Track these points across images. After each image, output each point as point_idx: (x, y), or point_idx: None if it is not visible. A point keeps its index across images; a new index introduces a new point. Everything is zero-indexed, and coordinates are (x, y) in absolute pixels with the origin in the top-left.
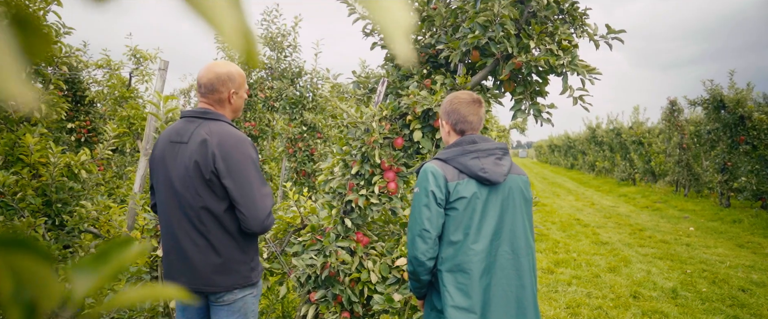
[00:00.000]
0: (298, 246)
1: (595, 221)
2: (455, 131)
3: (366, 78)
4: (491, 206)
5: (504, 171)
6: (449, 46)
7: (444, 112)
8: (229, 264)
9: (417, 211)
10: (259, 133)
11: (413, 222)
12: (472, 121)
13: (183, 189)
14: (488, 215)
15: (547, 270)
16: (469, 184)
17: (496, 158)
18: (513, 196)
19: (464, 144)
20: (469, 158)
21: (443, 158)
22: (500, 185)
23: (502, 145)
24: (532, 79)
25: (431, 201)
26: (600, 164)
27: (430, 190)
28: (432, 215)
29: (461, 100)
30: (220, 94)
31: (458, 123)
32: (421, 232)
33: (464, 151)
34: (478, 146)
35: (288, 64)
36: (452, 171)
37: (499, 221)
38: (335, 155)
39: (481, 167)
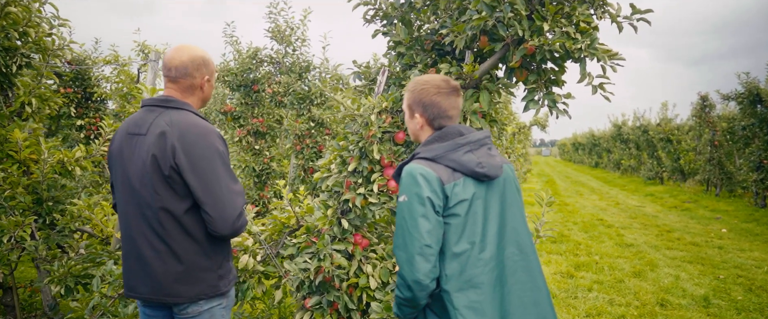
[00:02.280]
0: (292, 248)
1: (619, 221)
2: (431, 126)
3: (367, 68)
4: (492, 204)
5: (499, 162)
6: (453, 31)
7: (416, 102)
8: (193, 272)
9: (412, 224)
10: (266, 129)
11: (408, 238)
12: (452, 115)
13: (140, 187)
14: (490, 215)
15: (567, 274)
16: (466, 184)
17: (488, 149)
18: (509, 189)
19: (452, 137)
20: (463, 153)
21: (430, 157)
22: (498, 179)
23: (487, 133)
24: (547, 67)
25: (429, 210)
26: (626, 162)
27: (426, 196)
28: (432, 227)
29: (440, 90)
30: (193, 79)
31: (437, 118)
32: (423, 249)
33: (456, 145)
34: (468, 138)
35: (296, 58)
36: (445, 171)
37: (502, 220)
38: (333, 151)
39: (477, 161)
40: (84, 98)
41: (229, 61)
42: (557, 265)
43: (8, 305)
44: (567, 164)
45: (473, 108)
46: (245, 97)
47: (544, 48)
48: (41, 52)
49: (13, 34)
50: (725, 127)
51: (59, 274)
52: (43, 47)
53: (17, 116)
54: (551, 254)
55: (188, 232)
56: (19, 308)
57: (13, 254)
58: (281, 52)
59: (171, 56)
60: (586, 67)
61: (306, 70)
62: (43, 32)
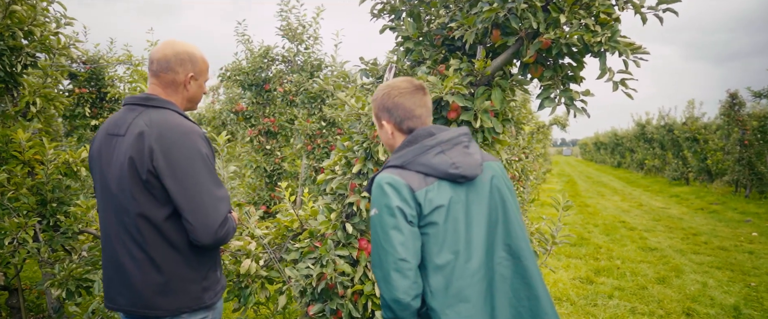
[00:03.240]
0: (295, 253)
1: (642, 223)
2: (401, 130)
3: (374, 65)
4: (474, 207)
5: (477, 160)
6: (463, 24)
7: (381, 108)
8: (174, 283)
9: (384, 238)
10: (278, 129)
11: (382, 254)
12: (421, 114)
13: (118, 191)
14: (474, 219)
15: (586, 279)
16: (441, 188)
17: (463, 147)
18: (496, 187)
19: (421, 139)
20: (433, 154)
21: (399, 164)
22: (477, 179)
23: (464, 130)
24: (564, 62)
25: (401, 221)
26: (649, 162)
27: (395, 206)
28: (406, 239)
29: (402, 91)
30: (176, 74)
31: (404, 120)
32: (398, 264)
33: (424, 147)
34: (439, 137)
35: (308, 56)
36: (416, 177)
37: (490, 224)
38: (337, 152)
39: (450, 162)
40: (98, 98)
41: (241, 60)
42: (576, 270)
43: (14, 306)
44: (588, 163)
45: (484, 106)
46: (257, 96)
47: (561, 42)
48: (46, 51)
49: (18, 34)
50: (756, 125)
51: (60, 277)
52: (48, 46)
53: (22, 116)
54: (570, 258)
55: (169, 240)
56: (25, 309)
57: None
58: (293, 51)
59: (155, 49)
60: (606, 62)
61: (318, 69)
62: (50, 31)
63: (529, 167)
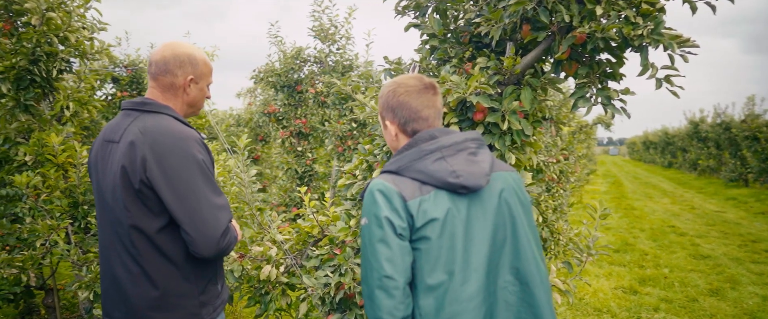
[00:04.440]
0: (315, 260)
1: (694, 228)
2: (405, 133)
3: (398, 64)
4: (477, 223)
5: (484, 170)
6: (489, 20)
7: (386, 107)
8: (170, 298)
9: (370, 251)
10: (309, 130)
11: (368, 269)
12: (428, 116)
13: (112, 201)
14: (475, 237)
15: (629, 289)
16: (438, 198)
17: (468, 154)
18: (505, 201)
19: (420, 143)
20: (431, 161)
21: (393, 169)
22: (483, 191)
23: (474, 135)
24: (601, 58)
25: (389, 233)
26: (703, 163)
27: (384, 217)
28: (393, 254)
29: (409, 88)
30: (174, 77)
31: (409, 122)
32: (382, 281)
33: (421, 152)
34: (440, 141)
35: (339, 56)
36: (410, 185)
37: (494, 243)
38: (359, 155)
39: (450, 169)
40: None
41: (274, 61)
42: (618, 278)
43: (50, 306)
44: (637, 163)
45: (512, 107)
46: (289, 97)
47: (597, 36)
48: (81, 56)
49: (53, 40)
50: None
51: (88, 279)
52: (83, 51)
53: (57, 121)
54: (613, 266)
55: (163, 253)
56: (60, 309)
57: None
58: (324, 52)
59: (155, 51)
60: (647, 57)
61: (349, 70)
62: (84, 36)
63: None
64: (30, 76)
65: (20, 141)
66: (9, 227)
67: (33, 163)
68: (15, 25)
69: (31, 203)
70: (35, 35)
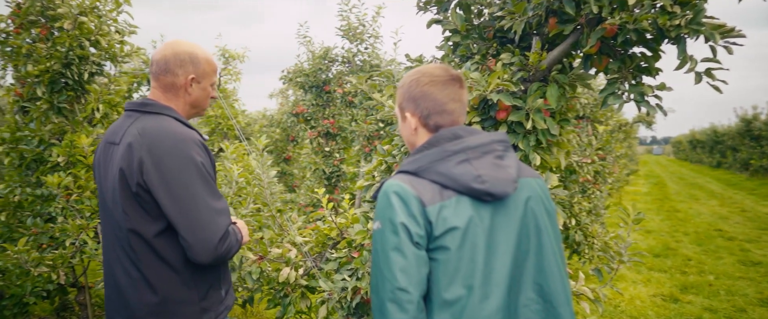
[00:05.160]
0: (333, 263)
1: (744, 232)
2: (426, 127)
3: (419, 62)
4: (500, 233)
5: (511, 175)
6: (512, 13)
7: (407, 96)
8: (169, 304)
9: (383, 259)
10: (337, 130)
11: (379, 279)
12: (454, 110)
13: (112, 205)
14: (498, 249)
15: (670, 297)
16: (460, 205)
17: (495, 157)
18: (531, 211)
19: (443, 142)
20: (454, 163)
21: (412, 169)
22: (508, 199)
23: (501, 136)
24: (634, 52)
25: (404, 241)
26: (756, 163)
27: (399, 222)
28: (408, 264)
29: (434, 78)
30: (175, 77)
31: (432, 114)
32: (395, 294)
33: (444, 152)
34: (465, 142)
35: (367, 56)
36: (430, 188)
37: (517, 257)
38: (377, 156)
39: (475, 174)
40: None
41: (302, 62)
42: (658, 285)
43: (82, 303)
44: (682, 163)
45: (537, 105)
46: (316, 98)
47: (629, 27)
48: (111, 59)
49: (85, 44)
50: None
51: None
52: (113, 55)
53: (88, 122)
54: (652, 271)
55: (162, 258)
56: (91, 306)
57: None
58: (352, 51)
59: (157, 50)
60: (686, 49)
61: (377, 69)
62: (115, 40)
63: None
64: (63, 79)
65: (54, 142)
66: (42, 226)
67: (65, 164)
68: (50, 30)
69: (62, 202)
70: (68, 39)
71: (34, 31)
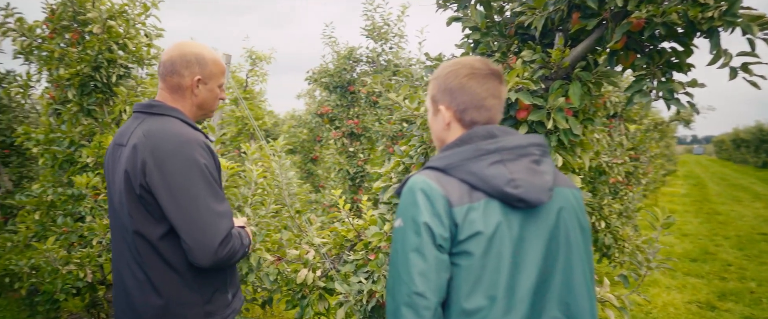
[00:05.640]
0: (350, 265)
1: None
2: (461, 122)
3: (439, 60)
4: (529, 244)
5: (547, 183)
6: (532, 8)
7: (443, 88)
8: (173, 307)
9: (402, 261)
10: (361, 131)
11: (396, 281)
12: (492, 106)
13: (119, 207)
14: (525, 260)
15: (706, 304)
16: (489, 208)
17: (531, 161)
18: (564, 224)
19: (477, 139)
20: (488, 163)
21: (441, 166)
22: (540, 208)
23: (539, 140)
24: (664, 47)
25: (426, 242)
26: None
27: (423, 222)
28: (428, 268)
29: (474, 70)
30: (181, 78)
31: (469, 109)
32: (412, 298)
33: (478, 151)
34: (501, 142)
35: (392, 55)
36: (459, 188)
37: (544, 271)
38: (395, 156)
39: (508, 177)
40: None
41: (328, 62)
42: (694, 291)
43: (110, 300)
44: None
45: (558, 104)
46: (341, 98)
47: (656, 20)
48: (138, 62)
49: (113, 47)
50: None
51: None
52: (140, 58)
53: (116, 124)
54: (688, 276)
55: (166, 260)
56: None
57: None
58: (376, 51)
59: (165, 52)
60: (719, 42)
61: (398, 68)
62: (143, 43)
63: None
64: (92, 82)
65: (84, 144)
66: (72, 225)
67: (94, 164)
68: (82, 34)
69: (91, 202)
70: (97, 43)
71: (67, 36)
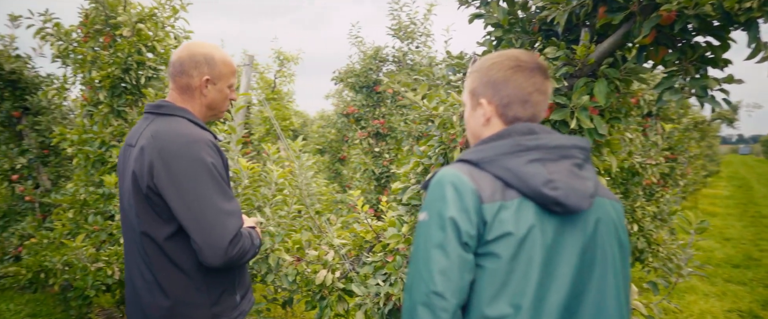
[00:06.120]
0: (369, 267)
1: None
2: (502, 118)
3: (460, 59)
4: (563, 254)
5: (589, 189)
6: (554, 2)
7: (485, 81)
8: (180, 308)
9: (423, 257)
10: (387, 131)
11: (415, 277)
12: (537, 102)
13: (128, 207)
14: (557, 271)
15: (748, 313)
16: (522, 209)
17: (573, 164)
18: (601, 237)
19: (516, 134)
20: (526, 160)
21: (475, 159)
22: (578, 216)
23: (583, 143)
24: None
25: (450, 239)
26: None
27: (449, 217)
28: (451, 266)
29: (521, 63)
30: (190, 78)
31: (514, 104)
32: (430, 298)
33: (516, 146)
34: (542, 139)
35: (419, 55)
36: (491, 183)
37: (576, 286)
38: (414, 157)
39: (547, 177)
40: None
41: (354, 62)
42: (735, 299)
43: None
44: None
45: (582, 102)
46: (367, 98)
47: (688, 12)
48: (166, 64)
49: (142, 49)
50: None
51: None
52: (168, 59)
53: None
54: (729, 283)
55: (173, 261)
56: None
57: None
58: (402, 50)
59: (174, 52)
60: (758, 35)
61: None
62: (171, 45)
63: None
64: (123, 83)
65: (114, 144)
66: (102, 224)
67: None
68: (113, 38)
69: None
70: (127, 46)
71: (100, 40)
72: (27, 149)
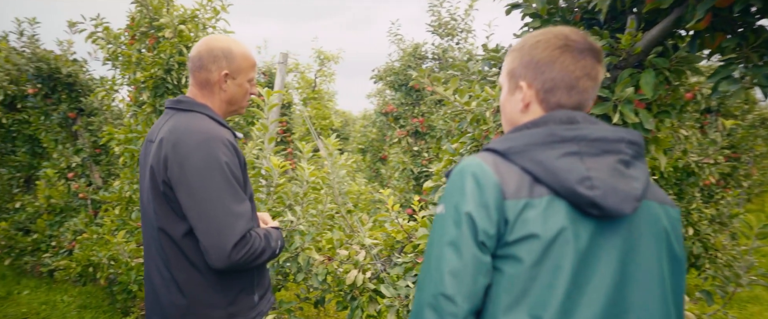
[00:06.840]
0: (399, 268)
1: None
2: (544, 104)
3: (495, 52)
4: (599, 263)
5: (635, 191)
6: None
7: (525, 61)
8: (196, 307)
9: (435, 254)
10: (426, 129)
11: (425, 276)
12: (585, 88)
13: (146, 203)
14: (590, 283)
15: None
16: (552, 208)
17: (618, 161)
18: (648, 248)
19: (552, 123)
20: (559, 153)
21: (502, 149)
22: (622, 221)
23: (635, 136)
24: (761, 25)
25: (465, 236)
26: None
27: (465, 212)
28: (463, 267)
29: (570, 42)
30: (209, 73)
31: (557, 88)
32: (437, 300)
33: (550, 136)
34: (581, 130)
35: (460, 51)
36: (518, 177)
37: (614, 302)
38: (446, 154)
39: (584, 174)
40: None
41: (393, 61)
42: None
43: None
44: None
45: (626, 94)
46: (406, 96)
47: None
48: None
49: (183, 50)
50: None
51: None
52: None
53: None
54: None
55: (189, 259)
56: None
57: None
58: (442, 47)
59: (194, 47)
60: None
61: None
62: None
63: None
64: (165, 84)
65: None
66: None
67: None
68: (158, 39)
69: None
70: (169, 47)
71: (145, 42)
72: (81, 149)
